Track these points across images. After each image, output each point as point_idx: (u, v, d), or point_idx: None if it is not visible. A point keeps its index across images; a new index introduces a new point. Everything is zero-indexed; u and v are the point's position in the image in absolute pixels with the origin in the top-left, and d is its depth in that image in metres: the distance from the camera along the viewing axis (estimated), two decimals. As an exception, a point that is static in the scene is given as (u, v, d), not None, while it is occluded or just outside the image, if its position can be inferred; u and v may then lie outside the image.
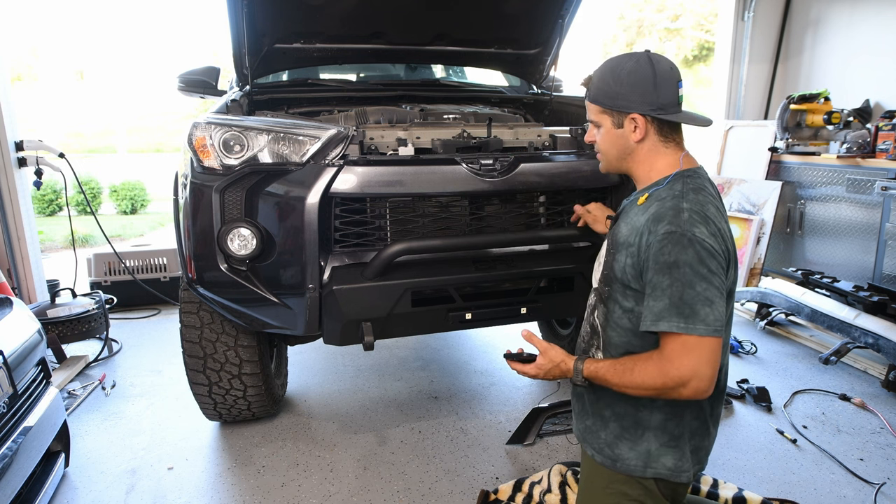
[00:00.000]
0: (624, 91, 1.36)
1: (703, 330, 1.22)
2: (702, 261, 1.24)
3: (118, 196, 10.91)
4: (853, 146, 3.61)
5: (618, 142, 1.42)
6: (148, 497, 2.14)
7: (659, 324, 1.24)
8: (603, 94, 1.39)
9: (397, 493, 2.14)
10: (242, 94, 2.57)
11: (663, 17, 13.77)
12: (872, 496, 2.12)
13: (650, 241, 1.29)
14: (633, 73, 1.35)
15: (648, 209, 1.34)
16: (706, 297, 1.23)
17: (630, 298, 1.37)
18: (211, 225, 1.93)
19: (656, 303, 1.26)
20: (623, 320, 1.39)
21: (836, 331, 3.13)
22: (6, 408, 1.80)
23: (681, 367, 1.23)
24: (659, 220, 1.29)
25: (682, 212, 1.27)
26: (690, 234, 1.24)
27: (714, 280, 1.24)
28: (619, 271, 1.37)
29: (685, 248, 1.24)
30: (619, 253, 1.38)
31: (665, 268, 1.25)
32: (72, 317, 3.24)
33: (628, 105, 1.36)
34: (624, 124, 1.39)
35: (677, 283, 1.23)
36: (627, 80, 1.35)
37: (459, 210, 2.16)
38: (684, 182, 1.35)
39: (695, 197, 1.31)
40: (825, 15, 4.56)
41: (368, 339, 1.97)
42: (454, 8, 2.62)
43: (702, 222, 1.26)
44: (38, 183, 3.84)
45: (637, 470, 1.41)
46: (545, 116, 3.05)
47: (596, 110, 1.43)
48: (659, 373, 1.25)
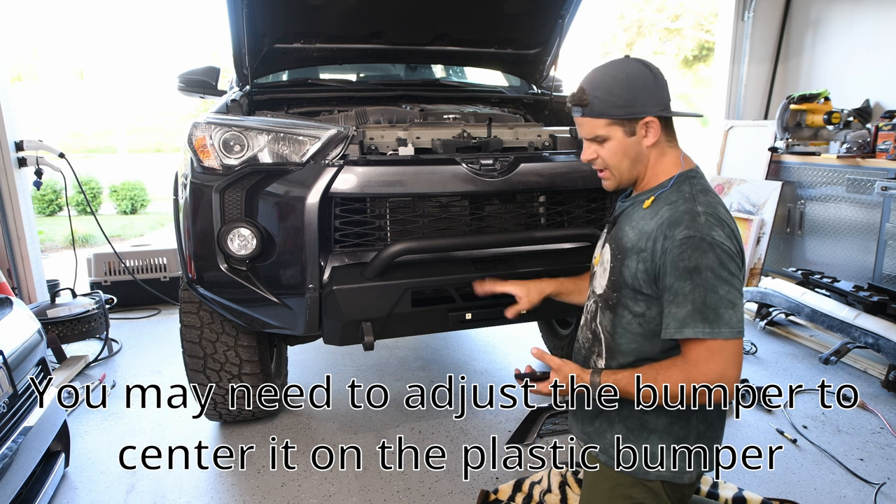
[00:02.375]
0: (635, 97, 1.33)
1: (728, 333, 1.21)
2: (722, 264, 1.23)
3: (118, 196, 10.92)
4: (853, 146, 3.60)
5: (630, 151, 1.37)
6: (148, 497, 2.14)
7: (684, 331, 1.24)
8: (610, 106, 1.33)
9: (397, 493, 2.14)
10: (242, 94, 2.57)
11: (663, 17, 13.78)
12: (872, 496, 2.12)
13: (667, 247, 1.27)
14: (634, 77, 1.33)
15: (658, 213, 1.33)
16: (729, 300, 1.23)
17: (641, 303, 1.35)
18: (211, 225, 1.93)
19: (679, 309, 1.25)
20: (633, 325, 1.38)
21: (836, 331, 3.13)
22: (6, 408, 1.80)
23: (707, 371, 1.22)
24: (675, 225, 1.27)
25: (699, 215, 1.27)
26: (710, 239, 1.24)
27: (735, 282, 1.24)
28: (629, 277, 1.36)
29: (705, 252, 1.23)
30: (627, 259, 1.36)
31: (686, 273, 1.24)
32: (72, 317, 3.24)
33: (644, 109, 1.33)
34: (636, 131, 1.35)
35: (699, 288, 1.23)
36: (634, 86, 1.33)
37: (459, 210, 2.16)
38: (691, 183, 1.35)
39: (705, 199, 1.31)
40: (825, 15, 4.56)
41: (368, 339, 1.97)
42: (454, 8, 2.62)
43: (718, 225, 1.26)
44: (38, 183, 3.84)
45: (641, 472, 1.40)
46: (545, 116, 3.05)
47: (602, 124, 1.36)
48: (685, 378, 1.24)
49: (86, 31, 18.96)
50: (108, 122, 17.78)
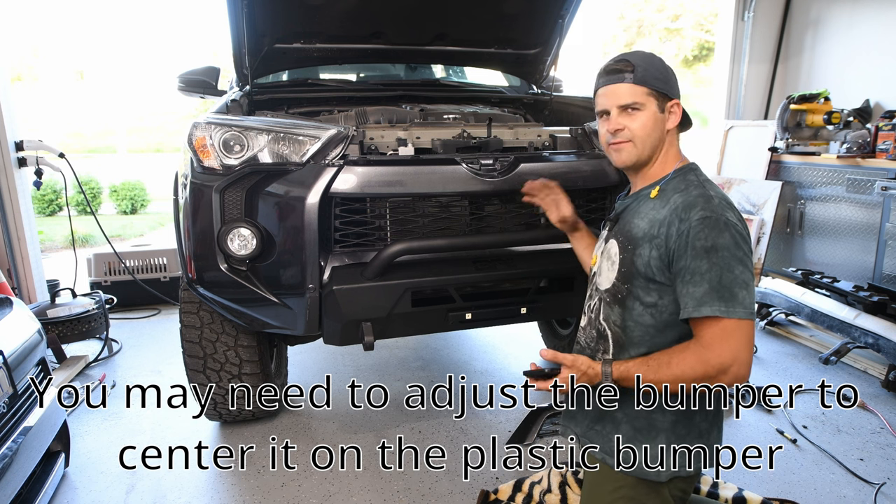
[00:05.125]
0: (670, 78, 1.41)
1: (742, 312, 1.23)
2: (737, 244, 1.26)
3: (118, 196, 10.92)
4: (853, 146, 3.60)
5: (658, 127, 1.42)
6: (148, 497, 2.14)
7: (702, 309, 1.24)
8: (653, 78, 1.39)
9: (397, 493, 2.14)
10: (242, 94, 2.57)
11: (663, 17, 13.78)
12: (872, 496, 2.12)
13: (682, 229, 1.29)
14: (665, 64, 1.42)
15: (669, 200, 1.35)
16: (743, 280, 1.24)
17: (653, 293, 1.36)
18: (211, 225, 1.93)
19: (696, 288, 1.26)
20: (644, 317, 1.38)
21: (836, 331, 3.14)
22: (6, 408, 1.80)
23: (722, 352, 1.22)
24: (691, 208, 1.30)
25: (712, 198, 1.31)
26: (725, 219, 1.27)
27: (748, 263, 1.27)
28: (642, 266, 1.36)
29: (721, 231, 1.26)
30: (639, 247, 1.37)
31: (703, 252, 1.26)
32: (72, 317, 3.24)
33: (675, 92, 1.42)
34: (665, 109, 1.41)
35: (716, 267, 1.24)
36: (668, 70, 1.41)
37: (459, 210, 2.16)
38: (696, 174, 1.41)
39: (713, 186, 1.37)
40: (825, 15, 4.56)
41: (368, 339, 1.97)
42: (454, 8, 2.62)
43: (729, 209, 1.31)
44: (38, 183, 3.84)
45: (641, 472, 1.40)
46: (545, 116, 3.05)
47: (642, 92, 1.38)
48: (699, 361, 1.24)
49: (86, 31, 18.96)
50: (108, 122, 17.78)
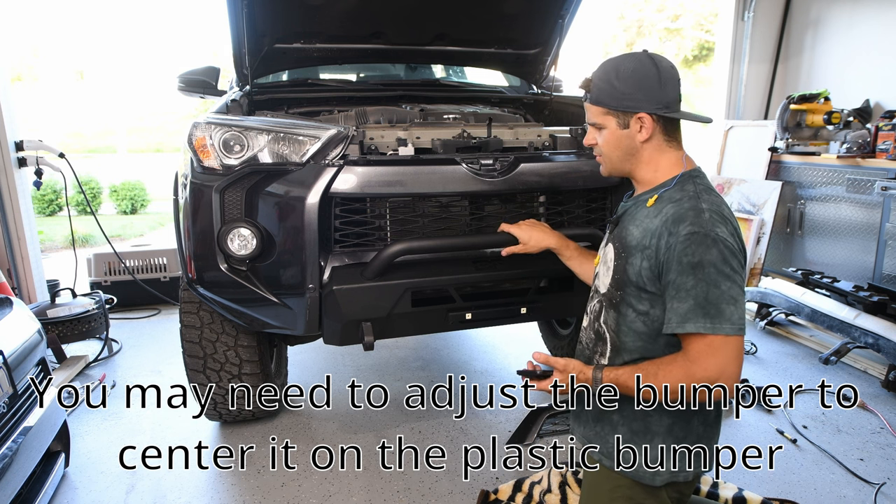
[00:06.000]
0: (629, 91, 1.35)
1: (729, 329, 1.22)
2: (725, 260, 1.24)
3: (118, 196, 10.92)
4: (853, 146, 3.60)
5: (622, 143, 1.40)
6: (148, 497, 2.14)
7: (685, 325, 1.24)
8: (607, 95, 1.37)
9: (397, 493, 2.14)
10: (242, 94, 2.57)
11: (663, 17, 13.78)
12: (872, 496, 2.12)
13: (671, 243, 1.28)
14: (636, 72, 1.34)
15: (662, 210, 1.33)
16: (731, 296, 1.23)
17: (645, 301, 1.36)
18: (211, 225, 1.93)
19: (681, 304, 1.25)
20: (637, 323, 1.38)
21: (836, 331, 3.14)
22: (6, 408, 1.80)
23: (707, 367, 1.22)
24: (679, 221, 1.28)
25: (703, 212, 1.28)
26: (713, 234, 1.25)
27: (737, 278, 1.25)
28: (633, 274, 1.36)
29: (709, 247, 1.24)
30: (632, 256, 1.37)
31: (689, 268, 1.25)
32: (72, 317, 3.24)
33: (636, 105, 1.35)
34: (630, 124, 1.37)
35: (702, 283, 1.23)
36: (632, 80, 1.34)
37: (459, 210, 2.16)
38: (694, 183, 1.36)
39: (709, 197, 1.32)
40: (825, 15, 4.56)
41: (368, 339, 1.97)
42: (454, 8, 2.62)
43: (721, 222, 1.28)
44: (38, 183, 3.84)
45: (640, 473, 1.40)
46: (545, 116, 3.05)
47: (599, 112, 1.40)
48: (685, 375, 1.24)
49: (86, 31, 18.98)
50: (108, 122, 17.80)
